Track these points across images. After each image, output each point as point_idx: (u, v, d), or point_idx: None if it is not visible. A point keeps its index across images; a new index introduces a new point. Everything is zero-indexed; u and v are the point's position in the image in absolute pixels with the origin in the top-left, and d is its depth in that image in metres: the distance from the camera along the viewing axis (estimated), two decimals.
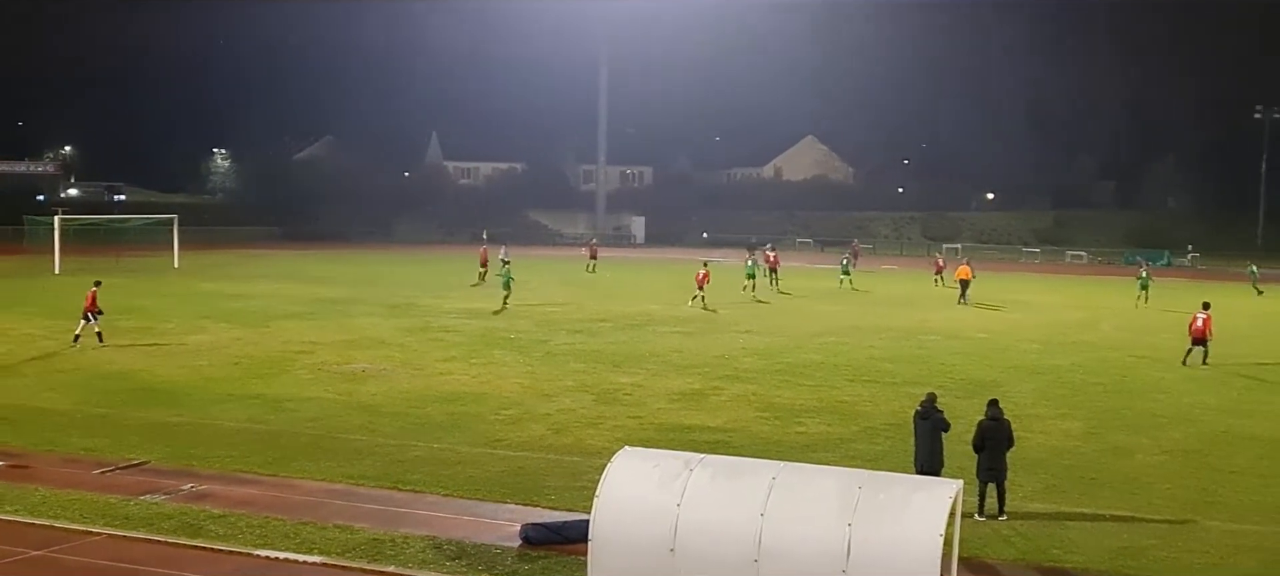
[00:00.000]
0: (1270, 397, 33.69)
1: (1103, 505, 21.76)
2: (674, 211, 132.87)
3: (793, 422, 28.79)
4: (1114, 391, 34.28)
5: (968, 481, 18.96)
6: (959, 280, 62.11)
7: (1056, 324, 52.18)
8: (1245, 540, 19.83)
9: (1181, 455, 26.03)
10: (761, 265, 67.98)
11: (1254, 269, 76.63)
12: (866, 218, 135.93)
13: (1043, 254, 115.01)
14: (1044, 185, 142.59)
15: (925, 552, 14.04)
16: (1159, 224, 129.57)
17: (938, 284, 70.93)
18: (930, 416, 21.08)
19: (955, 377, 35.78)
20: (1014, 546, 19.32)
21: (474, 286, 63.83)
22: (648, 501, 15.11)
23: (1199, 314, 40.64)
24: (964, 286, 61.49)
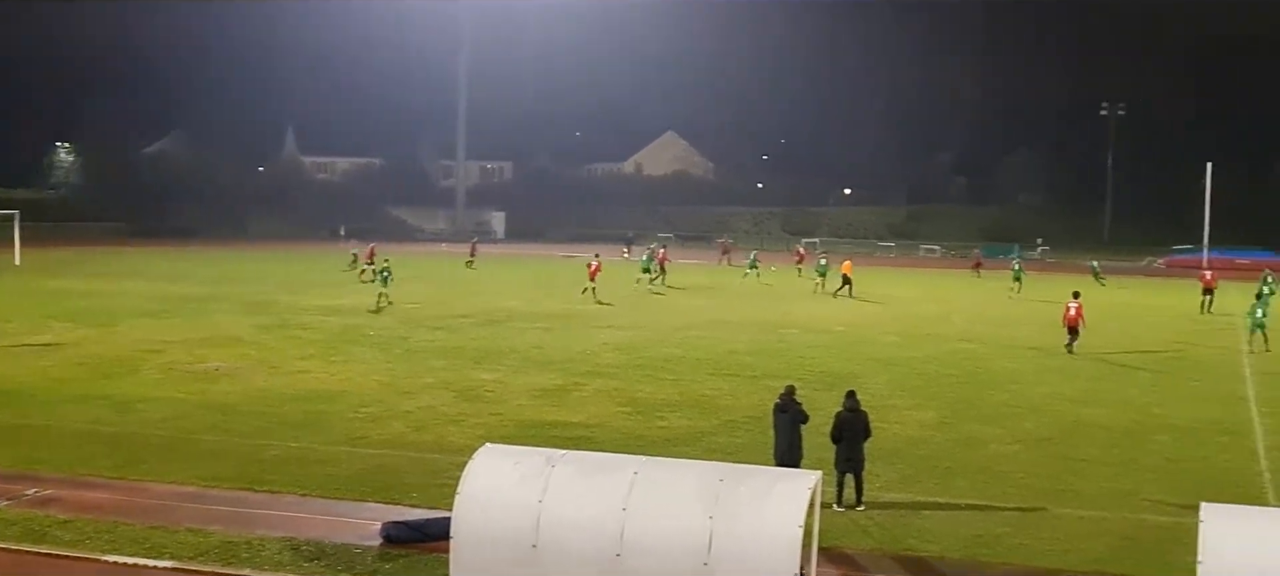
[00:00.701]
0: (1118, 387, 34.68)
1: (957, 494, 22.19)
2: (536, 207, 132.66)
3: (654, 417, 28.86)
4: (968, 382, 35.00)
5: (826, 472, 19.16)
6: (842, 275, 63.31)
7: (911, 317, 53.16)
8: (1095, 526, 20.36)
9: (1033, 444, 26.66)
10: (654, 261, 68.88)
11: (1095, 264, 79.33)
12: (727, 212, 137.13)
13: (898, 248, 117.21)
14: (900, 180, 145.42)
15: (785, 544, 14.16)
16: (1011, 218, 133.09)
17: (800, 275, 72.39)
18: (789, 409, 21.26)
19: (813, 370, 36.20)
20: (872, 536, 19.59)
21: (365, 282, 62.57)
22: (510, 498, 15.02)
23: (1070, 303, 42.28)
24: (845, 281, 62.80)
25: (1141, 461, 25.10)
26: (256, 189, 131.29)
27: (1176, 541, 18.85)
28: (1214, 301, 58.79)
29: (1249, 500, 21.77)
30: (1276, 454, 26.05)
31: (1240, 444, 27.15)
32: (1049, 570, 18.28)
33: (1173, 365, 39.45)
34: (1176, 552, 18.36)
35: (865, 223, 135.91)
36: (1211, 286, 59.97)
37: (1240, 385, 35.47)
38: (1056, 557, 18.77)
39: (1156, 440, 27.30)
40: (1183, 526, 18.76)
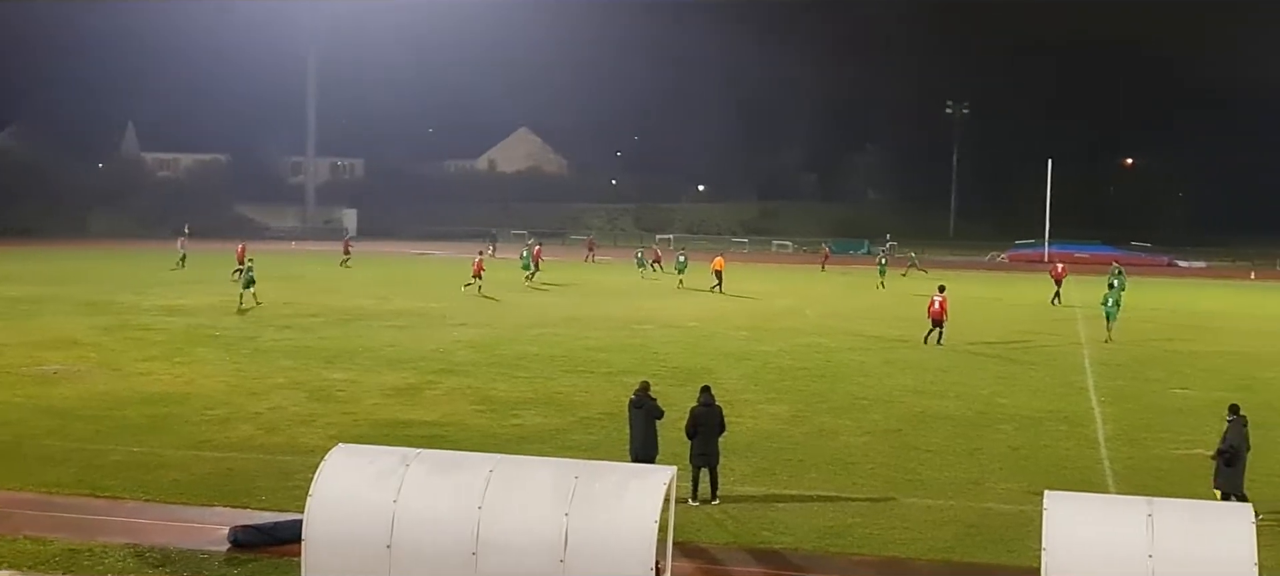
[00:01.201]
0: (964, 379, 35.49)
1: (810, 486, 22.48)
2: (388, 204, 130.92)
3: (509, 415, 28.72)
4: (819, 376, 35.50)
5: (682, 467, 19.27)
6: (714, 271, 64.06)
7: (764, 311, 53.76)
8: (941, 514, 20.81)
9: (882, 435, 27.15)
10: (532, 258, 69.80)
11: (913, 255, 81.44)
12: (580, 209, 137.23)
13: (750, 243, 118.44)
14: (751, 177, 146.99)
15: (640, 539, 14.21)
16: (860, 214, 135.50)
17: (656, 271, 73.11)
18: (644, 404, 21.31)
19: (668, 366, 36.39)
20: (727, 530, 19.75)
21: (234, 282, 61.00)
22: (363, 498, 14.83)
23: (935, 296, 43.37)
24: (719, 277, 63.50)
25: (986, 451, 25.73)
26: (96, 186, 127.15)
27: (1021, 528, 19.37)
28: (1062, 294, 60.74)
29: (1090, 487, 22.45)
30: (1115, 442, 26.93)
31: (1080, 432, 28.00)
32: (898, 559, 18.63)
33: (1017, 357, 40.54)
34: (1021, 539, 18.87)
35: (718, 219, 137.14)
36: (1061, 278, 62.06)
37: (1080, 376, 36.59)
38: (905, 546, 19.13)
39: (1001, 430, 28.02)
40: (1027, 514, 19.30)
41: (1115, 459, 25.36)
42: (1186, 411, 30.88)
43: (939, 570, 18.24)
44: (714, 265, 65.20)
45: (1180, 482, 23.10)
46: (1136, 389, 34.39)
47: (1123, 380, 35.85)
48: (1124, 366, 38.73)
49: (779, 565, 18.30)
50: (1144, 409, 31.16)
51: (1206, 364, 39.90)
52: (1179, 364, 39.64)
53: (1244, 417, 20.71)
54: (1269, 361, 40.65)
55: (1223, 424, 29.07)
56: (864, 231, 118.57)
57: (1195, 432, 28.08)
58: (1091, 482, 23.12)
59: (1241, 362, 40.29)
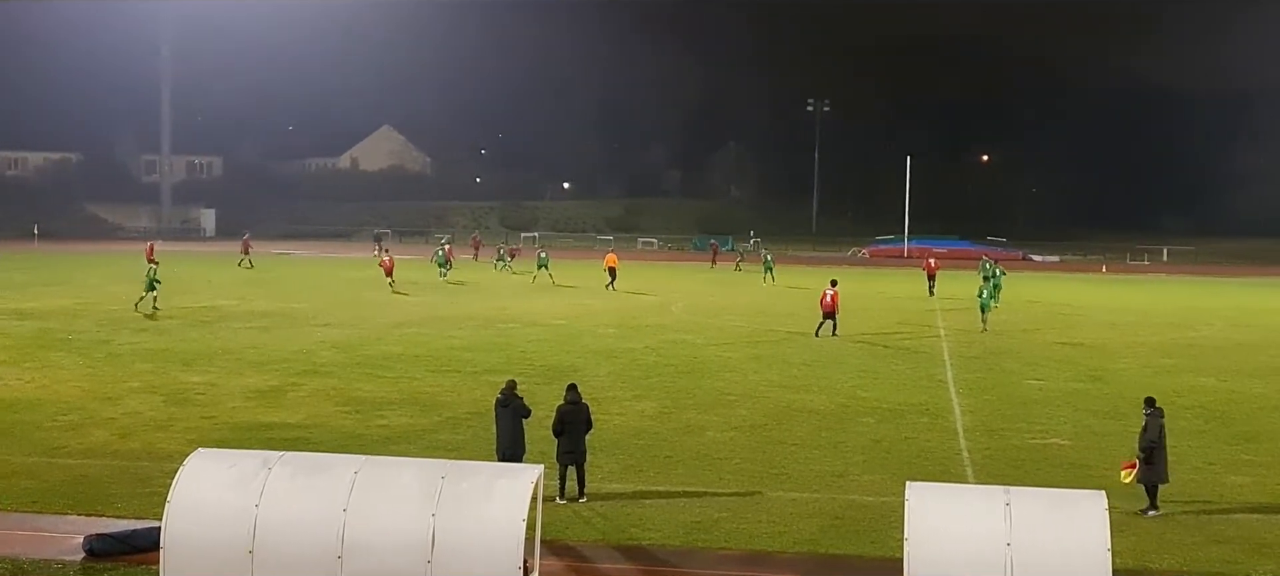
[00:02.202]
0: (827, 373, 35.97)
1: (677, 482, 22.61)
2: (247, 203, 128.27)
3: (374, 416, 28.40)
4: (685, 372, 35.69)
5: (549, 466, 19.28)
6: (608, 268, 64.63)
7: (630, 308, 53.89)
8: (805, 507, 21.07)
9: (748, 430, 27.40)
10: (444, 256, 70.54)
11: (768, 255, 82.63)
12: (444, 207, 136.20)
13: (616, 240, 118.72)
14: (617, 174, 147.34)
15: (508, 538, 14.19)
16: (724, 210, 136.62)
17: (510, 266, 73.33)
18: (510, 403, 21.25)
19: (534, 364, 36.30)
20: (595, 527, 19.77)
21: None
22: (224, 503, 14.58)
23: (828, 290, 44.40)
24: (612, 274, 64.04)
25: (849, 444, 26.12)
26: None
27: (884, 519, 19.70)
28: (936, 286, 62.21)
29: (950, 477, 22.95)
30: (974, 433, 27.53)
31: (941, 424, 28.57)
32: (764, 552, 18.82)
33: (878, 350, 41.20)
34: (884, 530, 19.19)
35: (583, 216, 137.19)
36: (933, 273, 63.66)
37: (939, 368, 37.33)
38: (771, 539, 19.34)
39: (863, 422, 28.46)
40: (890, 505, 19.63)
41: (974, 449, 25.93)
42: (1042, 402, 31.71)
43: (804, 562, 18.46)
44: (607, 262, 65.72)
45: (1037, 471, 23.76)
46: (994, 380, 35.21)
47: (980, 372, 36.67)
48: (981, 358, 39.63)
49: (647, 561, 18.36)
50: (1001, 400, 31.91)
51: (1060, 355, 41.00)
52: (1034, 355, 40.66)
53: (1160, 410, 21.24)
54: (1119, 352, 41.92)
55: (1077, 413, 30.15)
56: (728, 228, 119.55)
57: (1050, 422, 28.92)
58: (951, 473, 23.61)
59: (1094, 354, 41.47)
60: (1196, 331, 49.41)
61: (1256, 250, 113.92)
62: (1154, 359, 40.50)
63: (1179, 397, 32.52)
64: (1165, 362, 39.65)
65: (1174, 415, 29.69)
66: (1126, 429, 28.01)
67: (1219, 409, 31.07)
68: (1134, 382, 35.04)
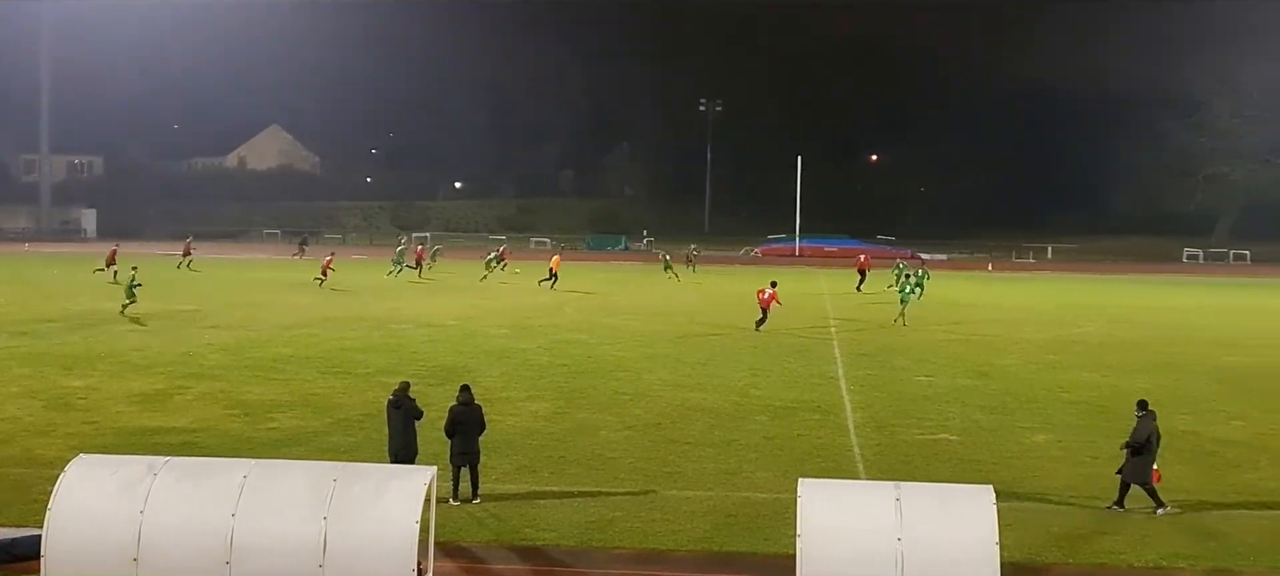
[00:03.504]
0: (719, 371, 36.14)
1: (571, 482, 22.57)
2: (130, 204, 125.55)
3: (264, 419, 27.95)
4: (579, 372, 35.64)
5: (442, 467, 19.13)
6: (551, 269, 65.27)
7: (523, 308, 53.72)
8: (699, 505, 21.15)
9: (642, 429, 27.44)
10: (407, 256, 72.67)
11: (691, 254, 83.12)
12: (334, 207, 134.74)
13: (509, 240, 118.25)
14: (509, 173, 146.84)
15: (401, 540, 14.09)
16: (617, 210, 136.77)
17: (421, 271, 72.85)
18: (403, 405, 21.07)
19: (427, 365, 36.02)
20: (489, 528, 19.66)
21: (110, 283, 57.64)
22: (108, 510, 14.29)
23: (766, 288, 46.99)
24: (552, 275, 64.68)
25: (743, 442, 26.26)
26: None
27: (777, 516, 19.84)
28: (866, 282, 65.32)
29: (841, 473, 23.19)
30: (865, 429, 27.85)
31: (832, 421, 28.86)
32: (658, 550, 18.86)
33: (771, 348, 41.48)
34: (777, 527, 19.33)
35: (476, 215, 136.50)
36: (865, 268, 66.91)
37: (831, 366, 37.71)
38: (665, 538, 19.38)
39: (756, 420, 28.65)
40: (783, 501, 19.77)
41: (865, 445, 26.22)
42: (931, 398, 32.17)
43: (698, 560, 18.52)
44: (552, 264, 66.65)
45: (926, 466, 24.10)
46: (884, 377, 35.65)
47: (871, 369, 37.10)
48: (872, 355, 40.11)
49: (541, 561, 18.30)
50: (891, 396, 32.32)
51: (949, 351, 41.64)
52: (923, 352, 41.24)
53: (1152, 412, 21.55)
54: (1006, 349, 42.69)
55: (965, 409, 30.64)
56: (621, 227, 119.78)
57: (939, 417, 29.35)
58: (843, 469, 23.87)
59: (981, 350, 42.20)
60: (1080, 328, 50.52)
61: (1138, 248, 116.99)
62: (1039, 355, 41.29)
63: (1063, 393, 33.28)
64: (1050, 359, 40.45)
65: (1059, 411, 30.46)
66: (1013, 424, 28.63)
67: (1102, 404, 31.75)
68: (1020, 379, 35.76)
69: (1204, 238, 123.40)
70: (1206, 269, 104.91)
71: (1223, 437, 27.63)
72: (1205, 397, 33.00)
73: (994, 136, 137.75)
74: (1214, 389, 34.56)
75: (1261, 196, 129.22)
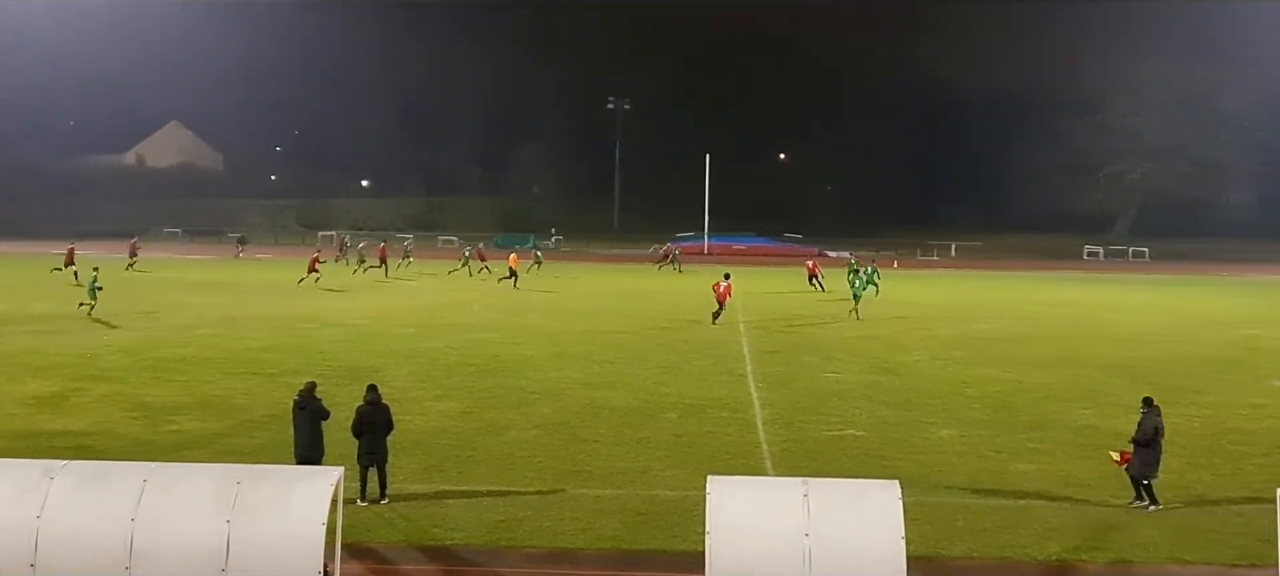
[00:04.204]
0: (628, 370, 36.14)
1: (480, 481, 22.44)
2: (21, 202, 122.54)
3: (165, 421, 27.45)
4: (487, 371, 35.46)
5: (350, 468, 18.92)
6: (510, 267, 66.33)
7: (431, 307, 53.36)
8: (608, 504, 21.12)
9: (551, 428, 27.35)
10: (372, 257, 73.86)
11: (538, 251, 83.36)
12: (238, 205, 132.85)
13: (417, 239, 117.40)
14: (417, 172, 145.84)
15: (307, 543, 13.89)
16: (526, 208, 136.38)
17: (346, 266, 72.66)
18: (309, 405, 20.82)
19: (334, 365, 35.62)
20: (397, 529, 19.49)
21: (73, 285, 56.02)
22: (3, 516, 13.95)
23: (721, 281, 49.43)
24: (513, 274, 65.14)
25: (652, 440, 26.28)
26: None
27: (686, 513, 19.87)
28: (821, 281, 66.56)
29: (750, 470, 23.31)
30: (773, 426, 28.00)
31: (741, 418, 28.98)
32: (567, 549, 18.82)
33: (680, 346, 41.57)
34: (686, 524, 19.36)
35: (384, 213, 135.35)
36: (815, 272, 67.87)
37: (739, 363, 37.86)
38: (574, 537, 19.34)
39: (666, 418, 28.69)
40: (692, 499, 19.80)
41: (773, 442, 26.36)
42: (837, 394, 32.44)
43: (607, 558, 18.50)
44: (510, 262, 67.34)
45: (833, 462, 24.28)
46: (791, 374, 35.87)
47: (779, 366, 37.31)
48: (780, 353, 40.34)
49: (449, 561, 18.18)
50: (798, 393, 32.53)
51: (855, 348, 42.01)
52: (830, 349, 41.57)
53: (1157, 408, 21.79)
54: (911, 346, 43.17)
55: (871, 404, 30.93)
56: (530, 226, 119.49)
57: (846, 413, 29.59)
58: (751, 466, 23.98)
59: (886, 347, 42.62)
60: (984, 324, 51.24)
61: (1039, 245, 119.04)
62: (944, 351, 41.81)
63: (967, 388, 33.72)
64: (955, 354, 40.98)
65: (963, 406, 30.86)
66: (918, 419, 28.94)
67: (1005, 399, 32.24)
68: (925, 375, 36.18)
69: (1103, 235, 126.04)
70: (1106, 266, 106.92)
71: (1122, 431, 27.97)
72: (1105, 392, 33.62)
73: (900, 136, 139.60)
74: (1113, 383, 35.21)
75: (1159, 195, 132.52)
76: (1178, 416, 29.89)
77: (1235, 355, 42.09)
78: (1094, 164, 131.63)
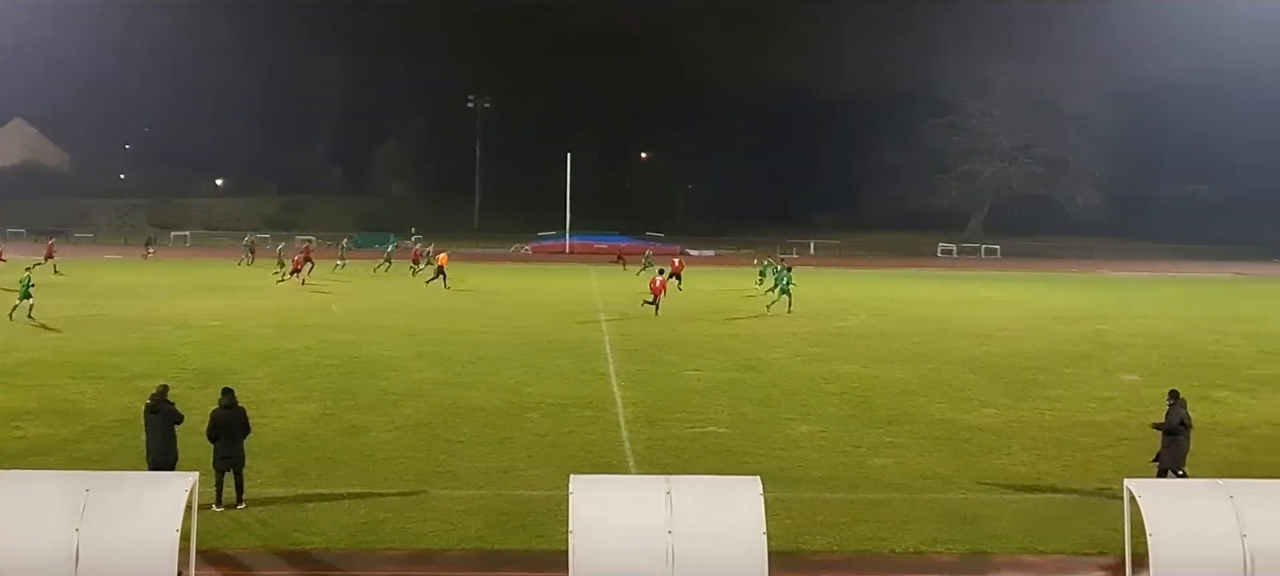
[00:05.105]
0: (491, 369, 35.93)
1: (341, 484, 22.13)
2: None
3: (9, 428, 26.55)
4: (347, 372, 34.98)
5: (205, 473, 18.52)
6: (437, 266, 66.07)
7: (290, 308, 52.48)
8: (472, 504, 20.98)
9: (413, 429, 27.08)
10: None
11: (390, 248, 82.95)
12: (86, 205, 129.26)
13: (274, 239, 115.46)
14: (273, 170, 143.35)
15: (161, 550, 13.61)
16: (386, 208, 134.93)
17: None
18: (161, 409, 20.35)
19: (187, 368, 34.83)
20: (255, 534, 19.12)
21: None
22: None
23: (657, 276, 53.72)
24: (440, 272, 64.87)
25: (515, 439, 26.17)
26: None
27: (550, 513, 19.83)
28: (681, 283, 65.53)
29: (613, 469, 23.36)
30: (635, 424, 28.08)
31: (604, 416, 29.01)
32: (430, 551, 18.66)
33: (542, 346, 41.48)
34: (550, 524, 19.33)
35: (239, 213, 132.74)
36: (678, 272, 66.98)
37: (602, 362, 37.90)
38: (437, 538, 19.18)
39: (528, 418, 28.59)
40: (555, 498, 19.78)
41: (636, 440, 26.43)
42: (700, 392, 32.64)
43: (470, 559, 18.38)
44: (438, 261, 67.35)
45: (696, 459, 24.44)
46: (654, 372, 36.00)
47: (641, 364, 37.42)
48: (642, 351, 40.46)
49: (309, 566, 17.90)
50: (660, 391, 32.66)
51: (717, 346, 42.33)
52: (692, 347, 41.80)
53: (1183, 400, 22.08)
54: (772, 343, 43.61)
55: (733, 402, 31.20)
56: (390, 225, 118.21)
57: (708, 411, 29.79)
58: (614, 464, 24.02)
59: (748, 344, 43.01)
60: (842, 321, 52.01)
61: (895, 243, 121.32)
62: (804, 348, 42.33)
63: (826, 385, 34.20)
64: (814, 351, 41.52)
65: (822, 402, 31.29)
66: (779, 416, 29.27)
67: (863, 394, 32.76)
68: (785, 371, 36.59)
69: (957, 233, 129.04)
70: (960, 263, 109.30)
71: (976, 425, 28.81)
72: (959, 386, 34.36)
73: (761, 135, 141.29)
74: (968, 378, 36.00)
75: (1009, 193, 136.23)
76: (1028, 410, 30.77)
77: (1084, 349, 43.31)
78: (948, 163, 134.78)
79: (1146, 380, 36.05)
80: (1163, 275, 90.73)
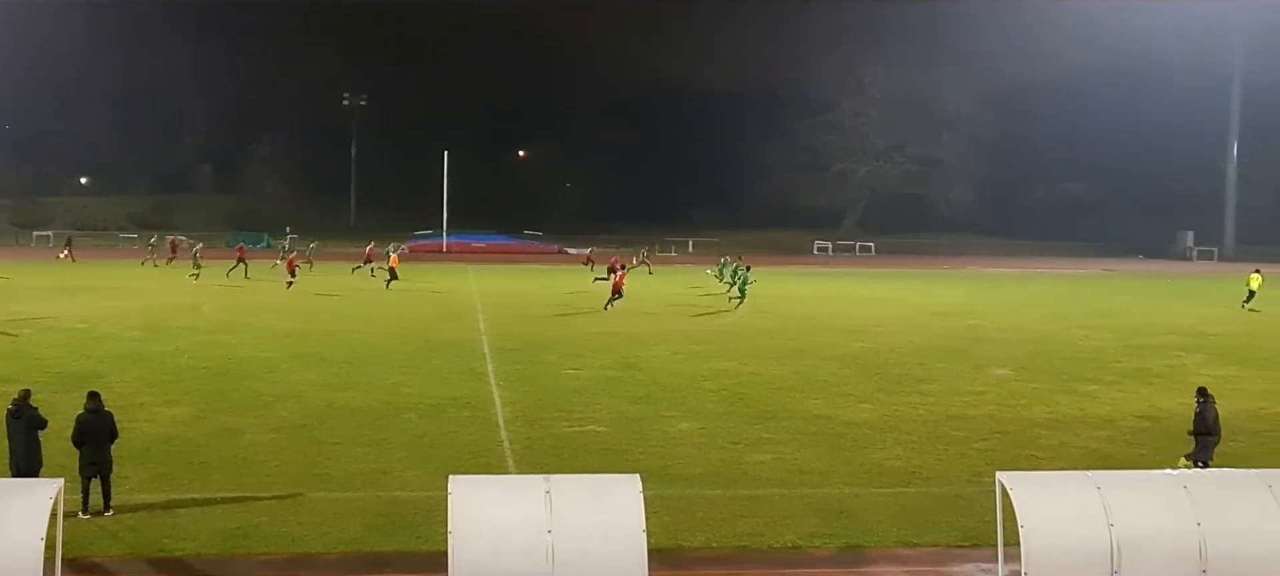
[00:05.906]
0: (368, 370, 35.51)
1: (213, 488, 21.70)
2: None
3: None
4: (220, 374, 34.34)
5: (70, 479, 18.05)
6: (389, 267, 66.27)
7: (159, 309, 51.37)
8: (349, 506, 20.72)
9: (288, 431, 26.66)
10: None
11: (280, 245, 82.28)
12: None
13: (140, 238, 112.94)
14: (142, 168, 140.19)
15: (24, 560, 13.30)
16: (259, 207, 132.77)
17: None
18: (24, 414, 19.77)
19: (51, 371, 33.89)
20: (123, 541, 18.67)
21: None
22: None
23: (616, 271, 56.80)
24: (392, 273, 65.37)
25: (393, 441, 25.91)
26: None
27: (428, 514, 19.67)
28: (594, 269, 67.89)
29: (492, 469, 23.24)
30: (514, 424, 27.96)
31: (482, 416, 28.84)
32: (305, 554, 18.40)
33: (420, 346, 41.13)
34: (429, 525, 19.17)
35: (106, 213, 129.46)
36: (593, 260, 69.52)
37: (480, 362, 37.69)
38: (313, 541, 18.91)
39: (406, 419, 28.32)
40: (434, 499, 19.60)
41: (515, 440, 26.32)
42: (579, 390, 32.61)
43: (347, 562, 18.15)
44: (390, 262, 67.45)
45: (575, 458, 24.42)
46: (532, 371, 35.88)
47: (520, 364, 37.27)
48: (521, 350, 40.31)
49: (180, 573, 17.55)
50: (539, 390, 32.56)
51: (596, 343, 42.34)
52: (572, 346, 41.76)
53: (1212, 398, 22.62)
54: (652, 340, 43.73)
55: (613, 400, 31.26)
56: (264, 224, 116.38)
57: (588, 410, 29.79)
58: (493, 464, 23.90)
59: (628, 342, 43.07)
60: (721, 318, 52.36)
61: (773, 241, 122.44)
62: (684, 345, 42.50)
63: (705, 382, 34.38)
64: (694, 348, 41.71)
65: (701, 399, 31.46)
66: (658, 413, 29.37)
67: (741, 390, 33.00)
68: (665, 369, 36.72)
69: (833, 230, 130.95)
70: (835, 260, 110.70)
71: (852, 420, 29.18)
72: (836, 382, 34.79)
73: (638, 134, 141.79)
74: (844, 373, 36.47)
75: (884, 191, 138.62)
76: (903, 404, 31.25)
77: (957, 344, 44.12)
78: (824, 162, 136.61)
79: (1017, 374, 36.84)
80: (1034, 272, 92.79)
